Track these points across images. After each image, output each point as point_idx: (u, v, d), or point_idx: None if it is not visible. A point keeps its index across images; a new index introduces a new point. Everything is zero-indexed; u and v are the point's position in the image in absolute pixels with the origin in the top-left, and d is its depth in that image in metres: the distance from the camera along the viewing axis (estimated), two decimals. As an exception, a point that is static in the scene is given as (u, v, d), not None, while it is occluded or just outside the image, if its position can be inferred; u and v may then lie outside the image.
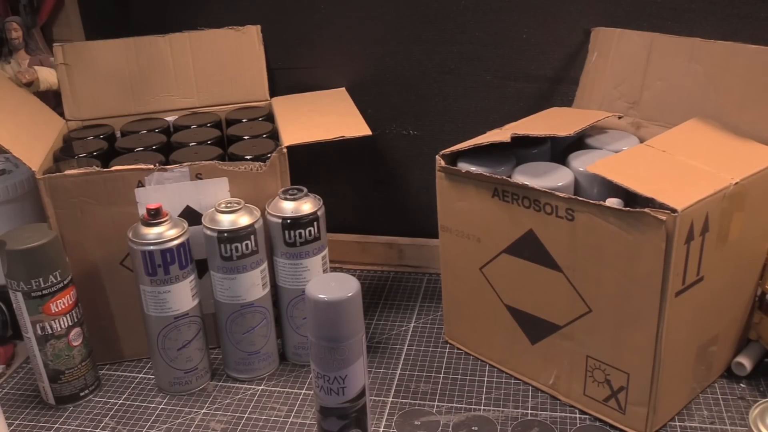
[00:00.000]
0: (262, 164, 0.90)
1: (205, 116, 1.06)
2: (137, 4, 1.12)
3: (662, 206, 0.70)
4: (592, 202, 0.75)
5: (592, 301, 0.79)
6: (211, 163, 0.90)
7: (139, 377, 0.95)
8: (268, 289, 0.91)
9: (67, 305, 0.86)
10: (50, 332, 0.86)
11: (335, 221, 1.07)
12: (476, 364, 0.94)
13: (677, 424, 0.82)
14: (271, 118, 1.05)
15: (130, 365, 0.97)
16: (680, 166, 0.78)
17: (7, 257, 0.83)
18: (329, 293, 0.67)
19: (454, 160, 0.89)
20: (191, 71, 1.07)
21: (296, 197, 0.89)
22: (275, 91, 1.11)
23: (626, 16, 0.97)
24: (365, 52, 1.08)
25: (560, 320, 0.83)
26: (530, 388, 0.89)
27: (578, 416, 0.84)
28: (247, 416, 0.87)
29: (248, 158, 0.92)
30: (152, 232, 0.85)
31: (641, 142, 0.89)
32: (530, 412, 0.85)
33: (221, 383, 0.93)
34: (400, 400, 0.88)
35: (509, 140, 0.83)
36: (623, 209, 0.73)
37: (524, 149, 0.90)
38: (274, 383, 0.93)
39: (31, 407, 0.91)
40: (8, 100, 0.99)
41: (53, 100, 1.09)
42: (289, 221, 0.88)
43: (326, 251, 0.92)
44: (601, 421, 0.83)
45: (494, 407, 0.86)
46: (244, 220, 0.86)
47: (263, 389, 0.92)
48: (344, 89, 1.09)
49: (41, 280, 0.84)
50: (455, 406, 0.87)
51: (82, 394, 0.91)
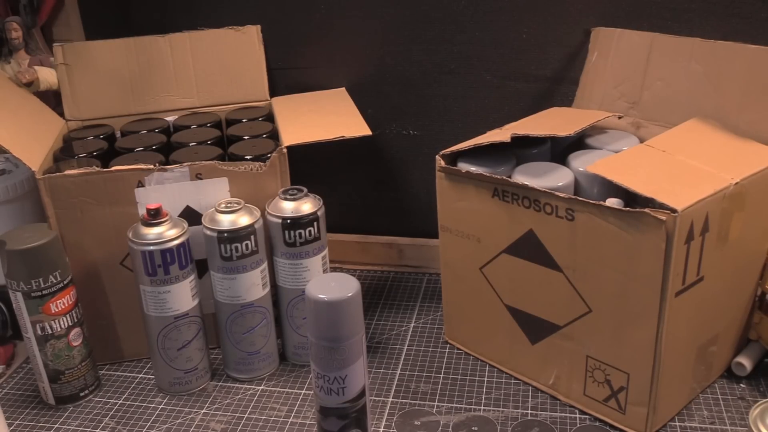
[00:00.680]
0: (262, 164, 0.90)
1: (205, 116, 1.06)
2: (137, 4, 1.12)
3: (662, 206, 0.70)
4: (592, 202, 0.75)
5: (592, 301, 0.79)
6: (211, 163, 0.90)
7: (139, 377, 0.95)
8: (268, 289, 0.91)
9: (67, 305, 0.86)
10: (50, 332, 0.86)
11: (335, 221, 1.07)
12: (476, 364, 0.94)
13: (677, 424, 0.82)
14: (271, 118, 1.05)
15: (130, 365, 0.97)
16: (680, 166, 0.78)
17: (7, 257, 0.83)
18: (329, 293, 0.67)
19: (454, 160, 0.89)
20: (191, 71, 1.07)
21: (296, 197, 0.89)
22: (275, 91, 1.11)
23: (626, 16, 0.97)
24: (365, 52, 1.08)
25: (560, 320, 0.83)
26: (530, 388, 0.89)
27: (578, 416, 0.84)
28: (247, 416, 0.87)
29: (248, 158, 0.92)
30: (152, 232, 0.85)
31: (641, 142, 0.89)
32: (530, 412, 0.85)
33: (221, 383, 0.93)
34: (400, 400, 0.88)
35: (509, 140, 0.83)
36: (623, 209, 0.73)
37: (524, 149, 0.90)
38: (274, 383, 0.93)
39: (31, 407, 0.90)
40: (8, 100, 0.99)
41: (53, 100, 1.09)
42: (289, 221, 0.88)
43: (326, 251, 0.92)
44: (601, 421, 0.83)
45: (494, 407, 0.86)
46: (244, 220, 0.86)
47: (263, 389, 0.92)
48: (344, 89, 1.09)
49: (41, 280, 0.84)
50: (455, 406, 0.87)
51: (82, 394, 0.91)
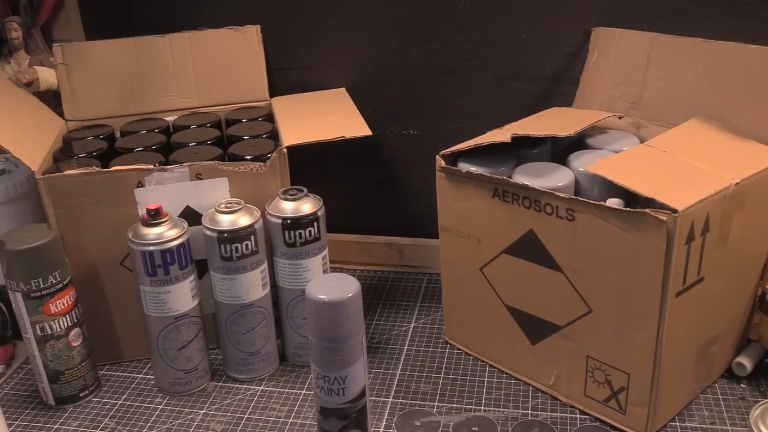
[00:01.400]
0: (262, 164, 0.90)
1: (204, 116, 1.06)
2: (137, 4, 1.12)
3: (663, 206, 0.70)
4: (592, 202, 0.75)
5: (592, 301, 0.79)
6: (211, 163, 0.90)
7: (138, 378, 0.95)
8: (268, 289, 0.91)
9: (66, 305, 0.86)
10: (50, 333, 0.86)
11: (335, 221, 1.07)
12: (476, 364, 0.94)
13: (677, 424, 0.82)
14: (271, 118, 1.05)
15: (129, 365, 0.97)
16: (681, 166, 0.78)
17: (6, 257, 0.83)
18: (329, 294, 0.67)
19: (454, 160, 0.89)
20: (191, 71, 1.07)
21: (296, 197, 0.89)
22: (275, 91, 1.11)
23: (626, 16, 0.97)
24: (365, 52, 1.08)
25: (561, 320, 0.83)
26: (530, 388, 0.89)
27: (578, 416, 0.84)
28: (247, 417, 0.87)
29: (248, 158, 0.92)
30: (152, 232, 0.85)
31: (641, 142, 0.89)
32: (530, 412, 0.85)
33: (221, 383, 0.93)
34: (400, 400, 0.88)
35: (509, 140, 0.83)
36: (624, 209, 0.73)
37: (524, 149, 0.90)
38: (274, 384, 0.93)
39: (30, 408, 0.90)
40: (8, 100, 0.99)
41: (53, 100, 1.09)
42: (289, 221, 0.88)
43: (326, 251, 0.92)
44: (601, 421, 0.83)
45: (494, 408, 0.86)
46: (244, 220, 0.86)
47: (263, 390, 0.91)
48: (344, 89, 1.09)
49: (41, 280, 0.84)
50: (455, 406, 0.87)
51: (81, 394, 0.91)
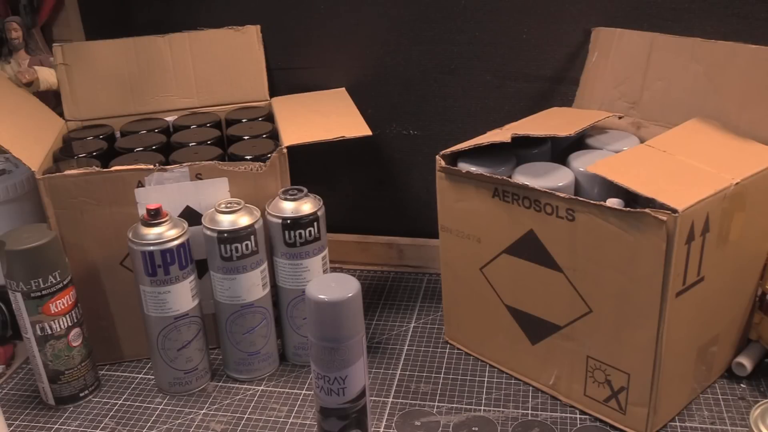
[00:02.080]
0: (262, 164, 0.90)
1: (204, 116, 1.06)
2: (137, 4, 1.12)
3: (663, 206, 0.70)
4: (592, 202, 0.75)
5: (592, 301, 0.79)
6: (211, 163, 0.90)
7: (138, 377, 0.95)
8: (268, 289, 0.91)
9: (66, 305, 0.86)
10: (50, 333, 0.86)
11: (335, 221, 1.07)
12: (476, 364, 0.94)
13: (677, 424, 0.82)
14: (271, 118, 1.05)
15: (130, 365, 0.97)
16: (681, 166, 0.78)
17: (6, 257, 0.83)
18: (329, 293, 0.67)
19: (454, 160, 0.89)
20: (191, 71, 1.07)
21: (296, 197, 0.89)
22: (275, 91, 1.11)
23: (626, 16, 0.97)
24: (365, 52, 1.08)
25: (561, 320, 0.83)
26: (530, 388, 0.89)
27: (578, 416, 0.84)
28: (247, 417, 0.87)
29: (248, 158, 0.92)
30: (152, 232, 0.85)
31: (641, 142, 0.89)
32: (530, 412, 0.85)
33: (221, 383, 0.93)
34: (400, 400, 0.88)
35: (509, 140, 0.83)
36: (624, 209, 0.73)
37: (524, 149, 0.90)
38: (274, 383, 0.93)
39: (30, 407, 0.90)
40: (8, 100, 0.99)
41: (53, 100, 1.09)
42: (289, 221, 0.88)
43: (326, 251, 0.92)
44: (601, 421, 0.83)
45: (494, 408, 0.86)
46: (244, 220, 0.86)
47: (263, 389, 0.91)
48: (344, 89, 1.09)
49: (41, 280, 0.84)
50: (455, 406, 0.87)
51: (81, 394, 0.91)
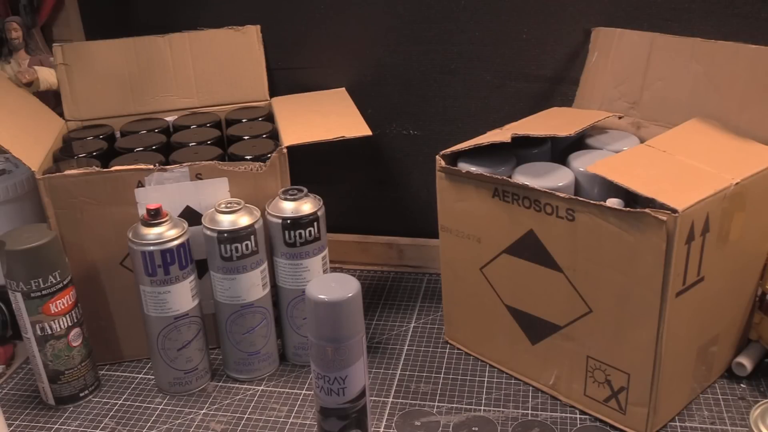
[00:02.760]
0: (262, 164, 0.90)
1: (204, 116, 1.06)
2: (137, 4, 1.12)
3: (663, 206, 0.70)
4: (592, 202, 0.75)
5: (592, 301, 0.79)
6: (211, 163, 0.90)
7: (139, 377, 0.95)
8: (268, 289, 0.91)
9: (66, 305, 0.86)
10: (50, 333, 0.86)
11: (335, 221, 1.07)
12: (476, 364, 0.94)
13: (677, 424, 0.82)
14: (271, 118, 1.05)
15: (129, 365, 0.97)
16: (681, 166, 0.78)
17: (6, 257, 0.83)
18: (329, 293, 0.67)
19: (454, 160, 0.89)
20: (191, 71, 1.07)
21: (296, 197, 0.89)
22: (275, 91, 1.11)
23: (626, 16, 0.97)
24: (365, 52, 1.08)
25: (561, 320, 0.83)
26: (530, 388, 0.89)
27: (578, 416, 0.84)
28: (247, 417, 0.87)
29: (248, 158, 0.92)
30: (152, 232, 0.85)
31: (641, 142, 0.89)
32: (530, 412, 0.85)
33: (221, 383, 0.93)
34: (400, 400, 0.88)
35: (509, 140, 0.83)
36: (624, 209, 0.73)
37: (524, 149, 0.90)
38: (274, 383, 0.93)
39: (30, 407, 0.90)
40: (8, 100, 0.99)
41: (53, 100, 1.09)
42: (289, 221, 0.88)
43: (326, 251, 0.92)
44: (601, 421, 0.83)
45: (494, 407, 0.86)
46: (244, 220, 0.86)
47: (263, 389, 0.91)
48: (344, 89, 1.09)
49: (41, 280, 0.84)
50: (455, 406, 0.87)
51: (81, 394, 0.91)
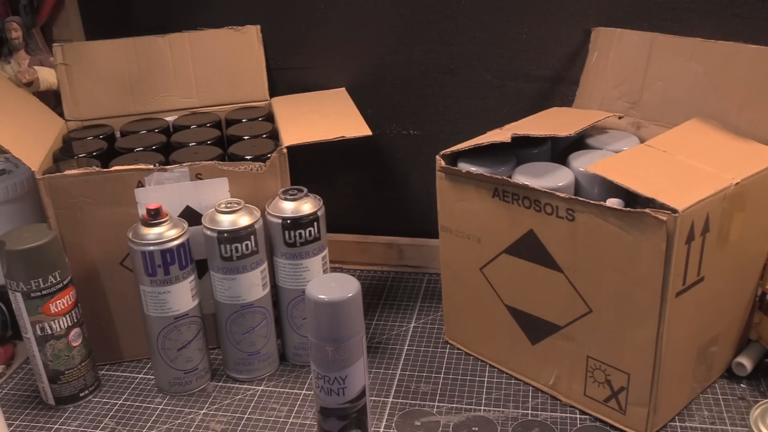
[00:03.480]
0: (262, 164, 0.90)
1: (204, 116, 1.06)
2: (137, 4, 1.12)
3: (663, 206, 0.70)
4: (592, 202, 0.75)
5: (592, 301, 0.79)
6: (211, 163, 0.90)
7: (138, 378, 0.95)
8: (268, 289, 0.91)
9: (66, 305, 0.86)
10: (50, 333, 0.86)
11: (335, 221, 1.07)
12: (476, 364, 0.94)
13: (677, 424, 0.82)
14: (271, 118, 1.05)
15: (129, 366, 0.97)
16: (681, 166, 0.78)
17: (6, 257, 0.83)
18: (329, 293, 0.67)
19: (454, 160, 0.89)
20: (191, 71, 1.07)
21: (296, 197, 0.89)
22: (275, 91, 1.11)
23: (626, 16, 0.97)
24: (365, 52, 1.08)
25: (560, 320, 0.83)
26: (530, 388, 0.89)
27: (578, 416, 0.84)
28: (247, 417, 0.87)
29: (248, 158, 0.92)
30: (152, 232, 0.85)
31: (641, 142, 0.89)
32: (530, 412, 0.85)
33: (221, 383, 0.93)
34: (400, 400, 0.88)
35: (509, 140, 0.83)
36: (624, 209, 0.73)
37: (524, 149, 0.90)
38: (274, 383, 0.93)
39: (30, 407, 0.90)
40: (8, 100, 0.99)
41: (53, 100, 1.09)
42: (289, 221, 0.88)
43: (326, 251, 0.92)
44: (601, 421, 0.83)
45: (494, 407, 0.86)
46: (244, 220, 0.86)
47: (263, 389, 0.91)
48: (344, 89, 1.09)
49: (41, 280, 0.84)
50: (455, 406, 0.87)
51: (81, 394, 0.91)
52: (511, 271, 0.85)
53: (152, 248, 0.84)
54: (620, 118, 0.95)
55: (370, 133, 0.92)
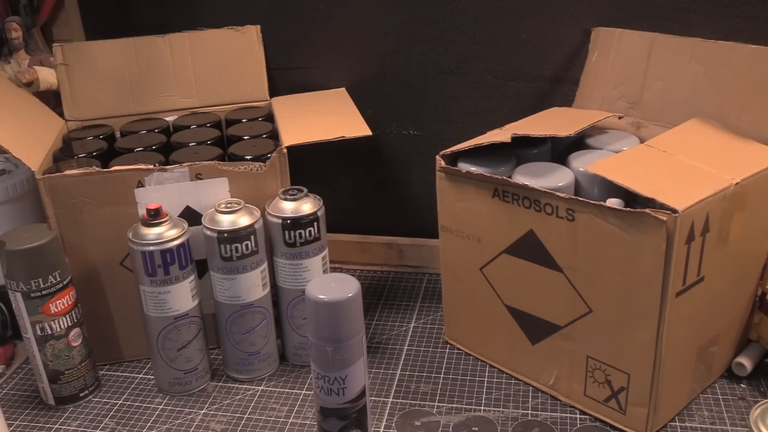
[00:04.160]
0: (262, 164, 0.90)
1: (204, 116, 1.06)
2: (137, 4, 1.12)
3: (663, 206, 0.70)
4: (592, 202, 0.75)
5: (592, 301, 0.79)
6: (211, 163, 0.90)
7: (138, 378, 0.95)
8: (268, 289, 0.91)
9: (66, 306, 0.86)
10: (50, 333, 0.86)
11: (335, 221, 1.07)
12: (476, 364, 0.94)
13: (677, 424, 0.82)
14: (271, 118, 1.05)
15: (129, 366, 0.97)
16: (681, 166, 0.78)
17: (6, 257, 0.83)
18: (329, 294, 0.67)
19: (454, 160, 0.89)
20: (191, 71, 1.07)
21: (296, 197, 0.89)
22: (275, 91, 1.11)
23: (626, 16, 0.97)
24: (365, 52, 1.08)
25: (560, 320, 0.83)
26: (530, 388, 0.89)
27: (578, 416, 0.84)
28: (247, 417, 0.87)
29: (248, 158, 0.92)
30: (152, 232, 0.85)
31: (641, 142, 0.89)
32: (530, 412, 0.85)
33: (221, 384, 0.93)
34: (400, 400, 0.88)
35: (509, 140, 0.83)
36: (624, 209, 0.73)
37: (524, 149, 0.90)
38: (274, 384, 0.93)
39: (30, 407, 0.90)
40: (8, 100, 0.99)
41: (53, 100, 1.09)
42: (289, 221, 0.88)
43: (326, 251, 0.92)
44: (601, 421, 0.83)
45: (494, 408, 0.86)
46: (244, 220, 0.86)
47: (263, 390, 0.91)
48: (344, 89, 1.09)
49: (41, 280, 0.84)
50: (455, 406, 0.87)
51: (81, 394, 0.91)
52: (511, 271, 0.85)
53: (152, 248, 0.84)
54: (620, 118, 0.95)
55: (370, 133, 0.92)
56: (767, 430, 0.72)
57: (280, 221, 0.88)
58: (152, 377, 0.94)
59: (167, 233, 0.85)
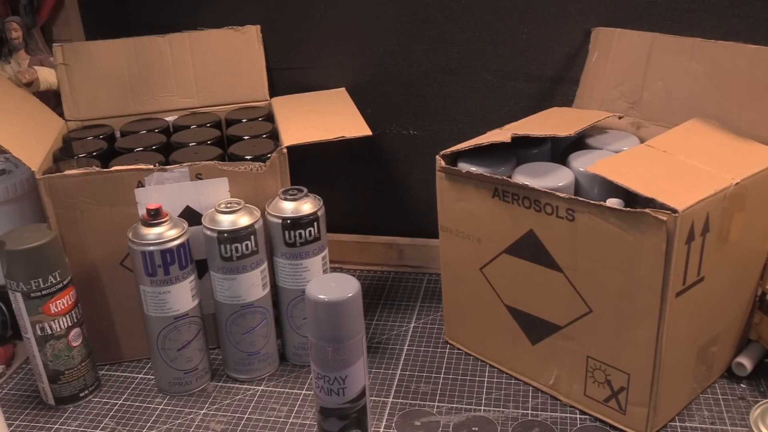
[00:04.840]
0: (262, 164, 0.90)
1: (204, 116, 1.06)
2: (137, 4, 1.12)
3: (663, 206, 0.70)
4: (592, 202, 0.75)
5: (592, 301, 0.79)
6: (211, 163, 0.90)
7: (138, 378, 0.95)
8: (268, 289, 0.91)
9: (66, 305, 0.86)
10: (50, 333, 0.86)
11: (335, 221, 1.07)
12: (476, 364, 0.94)
13: (677, 424, 0.82)
14: (271, 118, 1.05)
15: (129, 366, 0.97)
16: (681, 166, 0.78)
17: (6, 257, 0.83)
18: (329, 293, 0.67)
19: (454, 160, 0.89)
20: (191, 71, 1.07)
21: (296, 197, 0.89)
22: (275, 91, 1.11)
23: (626, 16, 0.97)
24: (365, 52, 1.08)
25: (561, 320, 0.83)
26: (530, 388, 0.89)
27: (578, 416, 0.84)
28: (247, 417, 0.87)
29: (248, 158, 0.92)
30: (152, 232, 0.85)
31: (641, 142, 0.89)
32: (530, 412, 0.85)
33: (221, 384, 0.93)
34: (400, 400, 0.88)
35: (509, 140, 0.83)
36: (624, 209, 0.73)
37: (524, 149, 0.90)
38: (274, 383, 0.93)
39: (30, 407, 0.90)
40: (8, 100, 0.99)
41: (53, 100, 1.09)
42: (289, 221, 0.88)
43: (326, 251, 0.92)
44: (601, 421, 0.83)
45: (494, 408, 0.86)
46: (244, 220, 0.86)
47: (263, 390, 0.91)
48: (344, 89, 1.09)
49: (41, 280, 0.84)
50: (455, 406, 0.87)
51: (81, 394, 0.91)
52: (511, 271, 0.85)
53: (152, 248, 0.84)
54: (620, 118, 0.95)
55: (370, 133, 0.92)
56: (767, 430, 0.72)
57: (280, 221, 0.88)
58: (152, 377, 0.94)
59: (167, 233, 0.85)
